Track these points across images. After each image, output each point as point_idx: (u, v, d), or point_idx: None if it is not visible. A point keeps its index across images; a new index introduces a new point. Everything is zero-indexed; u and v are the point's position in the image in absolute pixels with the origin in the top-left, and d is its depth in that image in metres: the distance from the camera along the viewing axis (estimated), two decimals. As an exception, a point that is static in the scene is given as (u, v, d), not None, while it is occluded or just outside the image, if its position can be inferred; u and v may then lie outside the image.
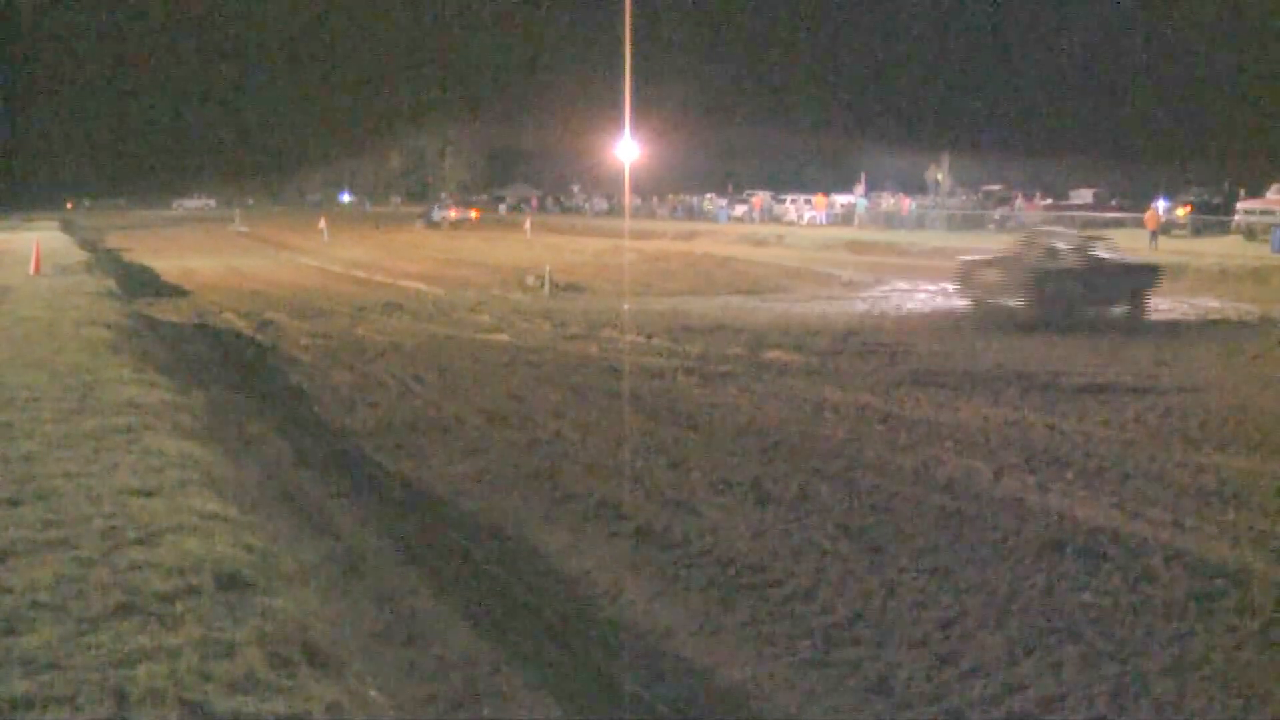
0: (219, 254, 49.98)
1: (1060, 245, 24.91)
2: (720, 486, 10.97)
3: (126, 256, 49.41)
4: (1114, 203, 56.37)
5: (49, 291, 23.45)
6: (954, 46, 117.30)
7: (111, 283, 28.88)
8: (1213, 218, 48.05)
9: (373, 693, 5.93)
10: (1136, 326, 23.20)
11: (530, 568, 8.93)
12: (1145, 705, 6.47)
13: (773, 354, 19.03)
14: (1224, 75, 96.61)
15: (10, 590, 6.12)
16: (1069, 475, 11.21)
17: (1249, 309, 26.58)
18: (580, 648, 7.40)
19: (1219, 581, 8.34)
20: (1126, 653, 7.14)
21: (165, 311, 26.04)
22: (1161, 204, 49.89)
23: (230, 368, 18.73)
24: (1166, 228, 46.87)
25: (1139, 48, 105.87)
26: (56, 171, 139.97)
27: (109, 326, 17.97)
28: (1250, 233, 42.51)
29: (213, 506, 8.03)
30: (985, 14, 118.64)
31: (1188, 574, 8.49)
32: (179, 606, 6.02)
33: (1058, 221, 52.60)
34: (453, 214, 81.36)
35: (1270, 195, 49.37)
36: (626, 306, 27.25)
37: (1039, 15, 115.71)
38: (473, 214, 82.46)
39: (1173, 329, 23.13)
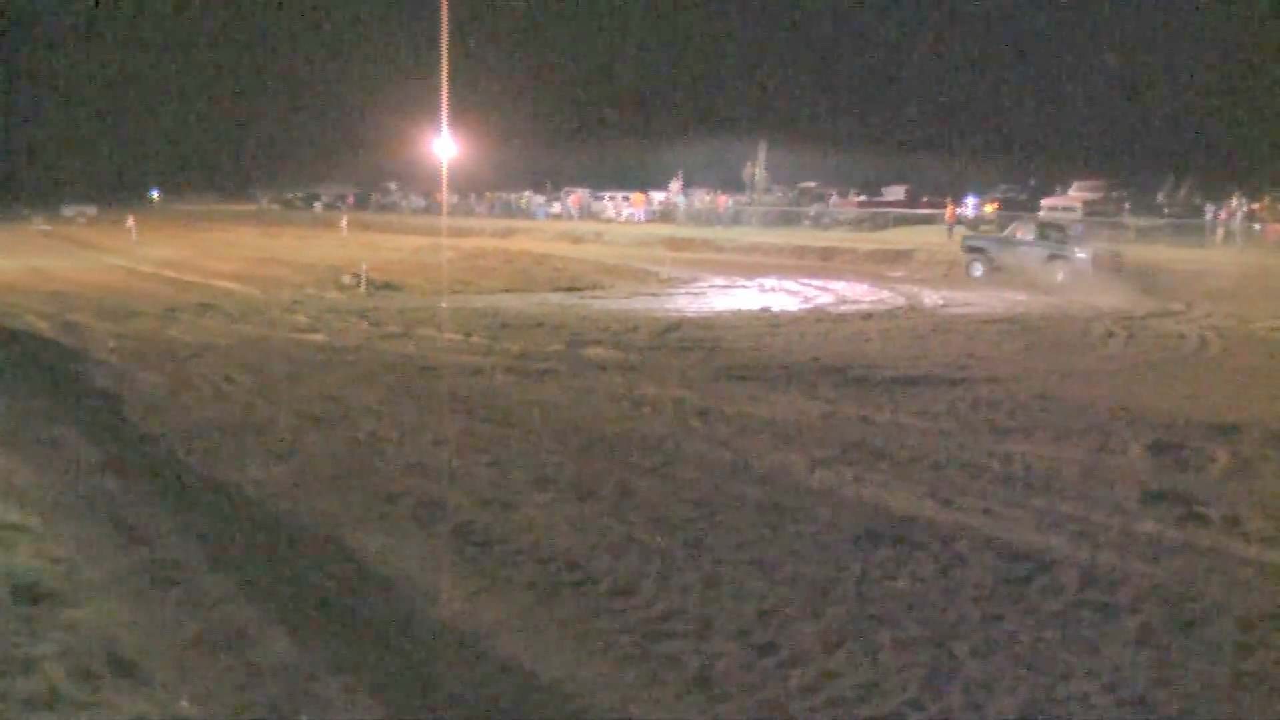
0: (19, 254, 47.97)
1: None
2: (540, 484, 10.94)
3: (-85, 259, 47.27)
4: (924, 200, 57.84)
5: None
6: (774, 43, 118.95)
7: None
8: (1021, 214, 49.72)
9: (183, 703, 5.76)
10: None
11: (348, 570, 8.77)
12: (957, 687, 6.64)
13: (591, 351, 19.06)
14: (1030, 74, 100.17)
15: None
16: (883, 466, 11.47)
17: (1054, 302, 27.78)
18: (400, 650, 7.30)
19: (1025, 565, 8.63)
20: (939, 637, 7.33)
21: (-40, 315, 24.96)
22: (971, 200, 51.47)
23: (32, 372, 17.98)
24: (976, 223, 48.46)
25: (946, 45, 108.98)
26: None
27: (-102, 332, 17.20)
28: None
29: (13, 516, 7.74)
30: (801, 10, 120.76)
31: (996, 559, 8.77)
32: (-26, 622, 5.78)
33: (871, 219, 53.99)
34: (93, 211, 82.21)
35: (1072, 192, 51.41)
36: (444, 305, 27.04)
37: (852, 11, 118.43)
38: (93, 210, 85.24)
39: (986, 321, 23.92)
